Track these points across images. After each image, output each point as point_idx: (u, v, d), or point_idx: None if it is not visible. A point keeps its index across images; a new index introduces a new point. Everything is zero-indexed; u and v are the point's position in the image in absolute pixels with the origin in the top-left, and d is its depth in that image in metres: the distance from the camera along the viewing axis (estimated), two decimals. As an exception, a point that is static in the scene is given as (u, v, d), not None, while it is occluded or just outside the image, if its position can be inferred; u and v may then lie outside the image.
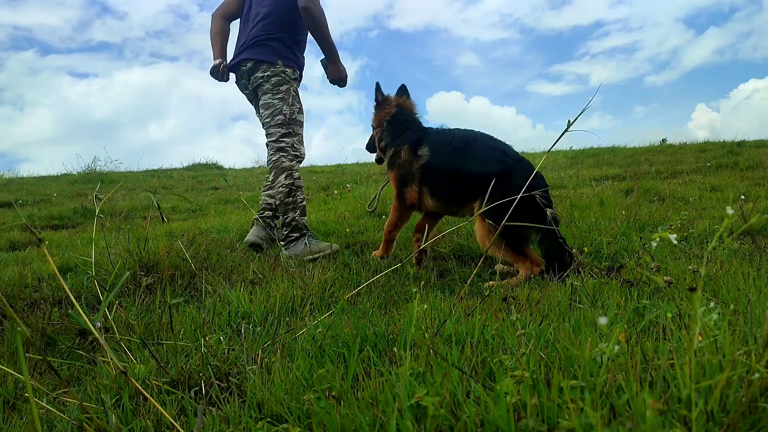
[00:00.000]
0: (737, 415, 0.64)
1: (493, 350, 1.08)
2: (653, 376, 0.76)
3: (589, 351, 0.75)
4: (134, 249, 2.01)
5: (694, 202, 3.46)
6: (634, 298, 1.50)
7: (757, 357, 0.68)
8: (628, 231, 2.55)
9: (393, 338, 1.21)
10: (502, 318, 1.24)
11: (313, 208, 4.21)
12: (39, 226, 4.18)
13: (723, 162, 5.75)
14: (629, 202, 3.47)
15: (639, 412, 0.64)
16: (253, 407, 0.97)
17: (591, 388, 0.70)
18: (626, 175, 5.30)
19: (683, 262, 1.86)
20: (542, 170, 6.31)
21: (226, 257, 2.25)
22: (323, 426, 0.81)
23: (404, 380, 0.77)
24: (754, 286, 1.34)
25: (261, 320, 1.51)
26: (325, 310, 1.60)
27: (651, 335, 1.14)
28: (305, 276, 1.89)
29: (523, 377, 0.72)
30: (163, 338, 1.39)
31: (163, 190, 6.75)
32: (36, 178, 9.09)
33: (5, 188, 7.25)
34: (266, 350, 1.22)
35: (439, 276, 2.08)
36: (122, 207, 5.06)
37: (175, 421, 0.86)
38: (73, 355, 1.37)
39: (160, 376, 1.11)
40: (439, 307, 1.43)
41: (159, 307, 1.66)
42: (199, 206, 5.13)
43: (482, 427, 0.71)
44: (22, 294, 1.92)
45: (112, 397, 1.04)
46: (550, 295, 1.57)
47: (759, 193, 3.58)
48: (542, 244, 2.02)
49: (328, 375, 0.99)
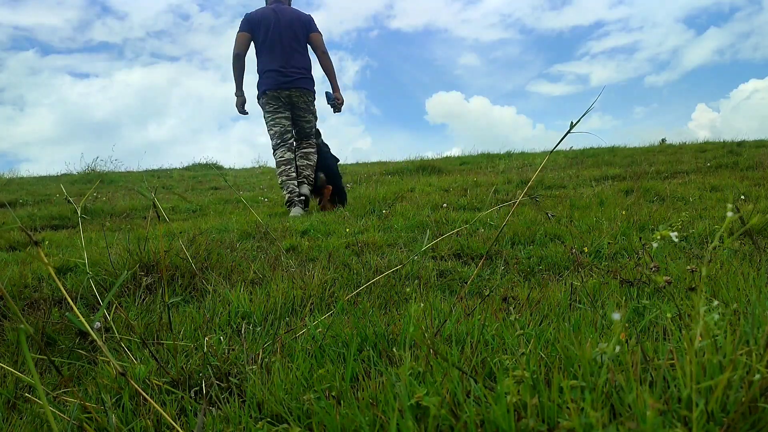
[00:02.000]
0: (737, 415, 0.64)
1: (493, 350, 1.08)
2: (653, 376, 0.76)
3: (589, 351, 0.75)
4: (134, 249, 2.01)
5: (694, 202, 3.46)
6: (634, 298, 1.50)
7: (757, 357, 0.68)
8: (628, 231, 2.55)
9: (393, 338, 1.21)
10: (502, 318, 1.24)
11: (313, 208, 4.21)
12: (39, 226, 4.18)
13: (723, 162, 5.75)
14: (629, 202, 3.47)
15: (639, 412, 0.64)
16: (253, 407, 0.97)
17: (591, 388, 0.70)
18: (626, 175, 5.30)
19: (683, 262, 1.86)
20: (543, 170, 6.32)
21: (226, 257, 2.25)
22: (323, 426, 0.81)
23: (404, 380, 0.77)
24: (754, 286, 1.34)
25: (261, 320, 1.51)
26: (325, 310, 1.60)
27: (651, 335, 1.14)
28: (305, 276, 1.89)
29: (523, 377, 0.72)
30: (163, 338, 1.39)
31: (163, 190, 6.75)
32: (36, 178, 9.10)
33: (5, 188, 7.26)
34: (266, 350, 1.22)
35: (439, 276, 2.08)
36: (122, 207, 5.06)
37: (175, 421, 0.86)
38: (73, 355, 1.37)
39: (160, 376, 1.11)
40: (439, 307, 1.43)
41: (159, 307, 1.66)
42: (199, 206, 5.13)
43: (482, 427, 0.71)
44: (22, 294, 1.92)
45: (113, 396, 1.04)
46: (550, 295, 1.57)
47: (759, 193, 3.58)
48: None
49: (328, 375, 0.99)
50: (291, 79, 3.38)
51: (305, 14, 3.44)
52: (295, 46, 3.40)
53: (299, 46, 3.42)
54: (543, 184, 4.79)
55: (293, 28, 3.35)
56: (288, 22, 3.34)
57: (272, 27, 3.31)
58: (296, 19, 3.37)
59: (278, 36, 3.32)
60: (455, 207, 3.76)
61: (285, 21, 3.33)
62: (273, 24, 3.31)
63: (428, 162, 7.85)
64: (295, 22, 3.37)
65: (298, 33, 3.37)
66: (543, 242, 2.47)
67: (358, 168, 8.83)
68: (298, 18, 3.38)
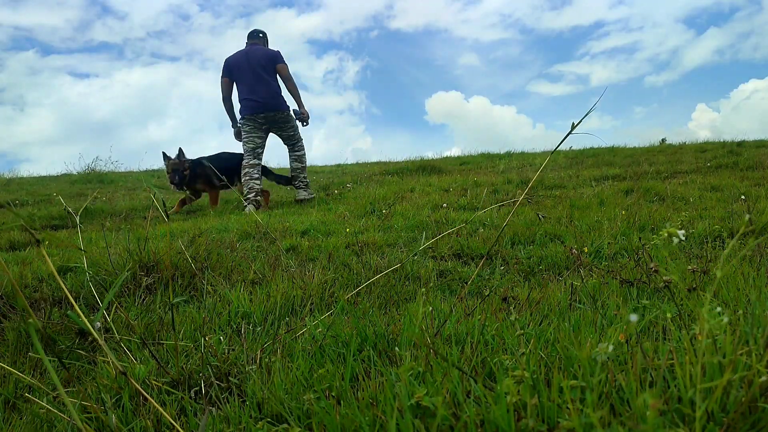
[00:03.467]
0: (737, 415, 0.64)
1: (493, 350, 1.08)
2: (653, 376, 0.76)
3: (589, 351, 0.75)
4: (134, 249, 2.01)
5: (694, 202, 3.46)
6: (634, 298, 1.50)
7: (757, 357, 0.68)
8: (628, 231, 2.55)
9: (393, 338, 1.21)
10: (502, 318, 1.24)
11: (314, 208, 4.21)
12: (39, 226, 4.18)
13: (723, 162, 5.74)
14: (629, 202, 3.47)
15: (639, 412, 0.64)
16: (253, 407, 0.97)
17: (591, 388, 0.70)
18: (626, 175, 5.30)
19: (683, 262, 1.86)
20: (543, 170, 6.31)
21: (226, 257, 2.25)
22: (323, 426, 0.81)
23: (404, 380, 0.77)
24: (754, 286, 1.34)
25: (261, 320, 1.51)
26: (325, 310, 1.60)
27: (651, 335, 1.14)
28: (305, 276, 1.89)
29: (523, 377, 0.72)
30: (163, 338, 1.39)
31: (163, 190, 6.75)
32: (36, 178, 9.10)
33: (5, 188, 7.26)
34: (266, 350, 1.22)
35: (439, 276, 2.08)
36: (122, 207, 5.06)
37: (175, 422, 0.86)
38: (73, 355, 1.37)
39: (160, 376, 1.11)
40: (439, 307, 1.43)
41: (159, 307, 1.66)
42: (199, 206, 5.13)
43: (482, 427, 0.71)
44: (22, 294, 1.92)
45: (112, 396, 1.04)
46: (550, 295, 1.57)
47: (759, 193, 3.58)
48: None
49: (328, 375, 0.99)
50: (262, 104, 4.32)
51: (273, 51, 4.39)
52: (264, 77, 4.30)
53: (268, 76, 4.32)
54: (543, 184, 4.79)
55: (261, 63, 4.28)
56: (257, 59, 4.28)
57: (243, 65, 4.27)
58: (263, 56, 4.31)
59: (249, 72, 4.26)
60: (455, 207, 3.76)
61: (254, 59, 4.28)
62: (244, 63, 4.27)
63: (428, 162, 7.86)
64: (262, 59, 4.30)
65: (266, 66, 4.30)
66: (543, 242, 2.47)
67: (359, 168, 8.82)
68: (265, 54, 4.33)
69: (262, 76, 4.27)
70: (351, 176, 7.14)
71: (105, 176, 8.56)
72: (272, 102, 4.34)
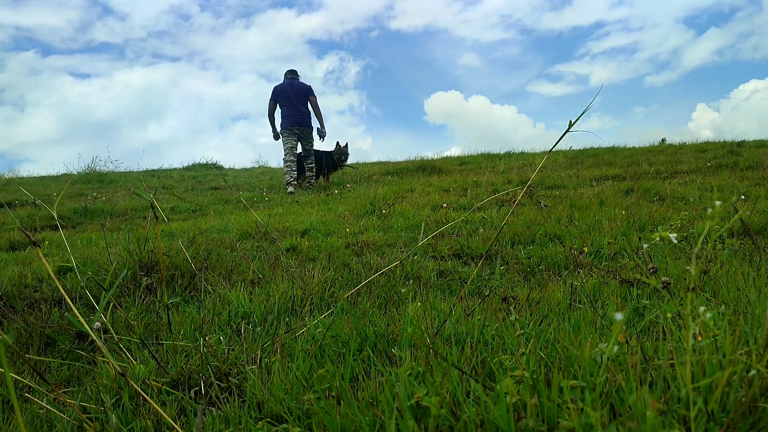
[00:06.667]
0: (737, 415, 0.64)
1: (492, 350, 1.08)
2: (653, 376, 0.76)
3: (589, 351, 0.75)
4: (134, 249, 2.01)
5: (694, 202, 3.46)
6: (633, 297, 1.50)
7: (757, 357, 0.68)
8: (628, 231, 2.55)
9: (393, 338, 1.21)
10: (502, 318, 1.24)
11: (314, 208, 4.21)
12: (39, 226, 4.18)
13: (723, 162, 5.74)
14: (629, 202, 3.47)
15: (639, 412, 0.64)
16: (253, 407, 0.97)
17: (591, 388, 0.70)
18: (626, 175, 5.30)
19: (683, 262, 1.86)
20: (543, 170, 6.32)
21: (226, 257, 2.25)
22: (323, 426, 0.81)
23: (404, 380, 0.77)
24: (754, 286, 1.34)
25: (261, 320, 1.51)
26: (325, 310, 1.60)
27: (651, 335, 1.14)
28: (305, 276, 1.89)
29: (523, 377, 0.72)
30: (163, 338, 1.39)
31: (163, 191, 6.75)
32: (36, 178, 9.10)
33: (5, 188, 7.26)
34: (266, 350, 1.22)
35: (439, 276, 2.08)
36: (122, 207, 5.07)
37: (175, 422, 0.86)
38: (73, 356, 1.37)
39: (160, 376, 1.11)
40: (439, 307, 1.43)
41: (159, 307, 1.65)
42: (199, 206, 5.13)
43: (482, 427, 0.71)
44: (22, 294, 1.92)
45: (112, 397, 1.04)
46: (549, 295, 1.57)
47: (759, 193, 3.58)
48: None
49: (327, 375, 0.99)
50: (298, 121, 6.41)
51: (307, 85, 6.47)
52: (300, 103, 6.44)
53: (302, 104, 6.45)
54: (543, 184, 4.79)
55: (299, 94, 6.40)
56: (296, 91, 6.39)
57: (288, 93, 6.38)
58: (300, 90, 6.43)
59: (291, 98, 6.39)
60: (455, 207, 3.76)
61: (294, 90, 6.39)
62: (289, 92, 6.38)
63: (428, 162, 7.86)
64: (300, 92, 6.42)
65: (302, 96, 6.43)
66: (543, 242, 2.47)
67: (359, 168, 8.82)
68: (301, 88, 6.44)
69: (299, 101, 6.40)
70: (351, 176, 7.14)
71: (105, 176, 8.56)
72: (303, 120, 6.46)
